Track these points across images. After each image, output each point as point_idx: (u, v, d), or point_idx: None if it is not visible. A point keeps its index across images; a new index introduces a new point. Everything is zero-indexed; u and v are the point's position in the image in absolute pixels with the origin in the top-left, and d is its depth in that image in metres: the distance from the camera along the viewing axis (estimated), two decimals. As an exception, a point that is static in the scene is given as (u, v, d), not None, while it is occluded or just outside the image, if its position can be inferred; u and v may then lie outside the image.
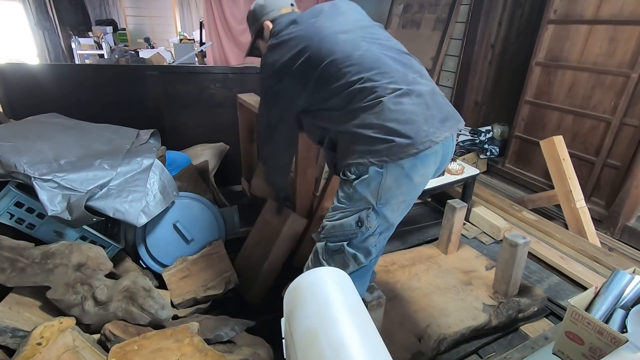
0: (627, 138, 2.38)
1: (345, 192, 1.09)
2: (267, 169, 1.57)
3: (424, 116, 1.03)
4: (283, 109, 1.23)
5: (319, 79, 1.09)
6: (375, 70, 1.04)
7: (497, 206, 2.50)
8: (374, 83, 1.03)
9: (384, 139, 1.00)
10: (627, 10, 2.32)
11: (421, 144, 1.01)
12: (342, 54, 1.06)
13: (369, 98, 1.03)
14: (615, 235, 2.40)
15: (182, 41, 6.23)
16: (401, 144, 1.00)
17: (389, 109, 1.01)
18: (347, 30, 1.11)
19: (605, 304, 1.15)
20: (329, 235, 1.12)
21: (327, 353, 0.55)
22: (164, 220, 1.66)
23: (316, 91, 1.11)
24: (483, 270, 1.81)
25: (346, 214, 1.08)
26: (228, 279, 1.59)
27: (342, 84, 1.05)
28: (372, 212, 1.06)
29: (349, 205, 1.08)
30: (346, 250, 1.09)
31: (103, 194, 1.39)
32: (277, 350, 1.28)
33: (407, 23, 3.94)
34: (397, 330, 1.46)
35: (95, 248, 1.34)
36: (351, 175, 1.06)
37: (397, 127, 1.00)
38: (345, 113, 1.06)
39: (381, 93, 1.02)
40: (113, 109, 2.25)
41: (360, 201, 1.06)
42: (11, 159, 1.29)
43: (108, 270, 1.33)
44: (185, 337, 1.12)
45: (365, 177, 1.03)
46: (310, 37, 1.09)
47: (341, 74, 1.05)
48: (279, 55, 1.12)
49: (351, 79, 1.04)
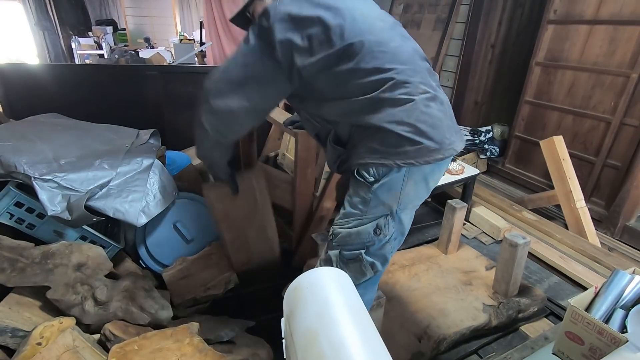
0: (627, 138, 2.38)
1: (361, 196, 1.00)
2: (208, 132, 1.10)
3: (446, 124, 1.00)
4: (271, 71, 0.96)
5: (343, 54, 0.93)
6: (409, 66, 0.97)
7: (497, 206, 2.50)
8: (407, 78, 0.95)
9: (412, 140, 0.94)
10: (627, 10, 2.32)
11: (446, 151, 0.97)
12: (377, 37, 0.96)
13: (399, 92, 0.94)
14: (615, 235, 2.40)
15: (182, 41, 6.24)
16: (429, 148, 0.95)
17: (420, 110, 0.95)
18: (383, 19, 1.03)
19: (605, 304, 1.15)
20: (344, 243, 1.04)
21: (327, 353, 0.55)
22: (164, 220, 1.66)
23: (332, 67, 0.95)
24: (483, 271, 1.81)
25: (363, 221, 1.01)
26: (228, 279, 1.59)
27: (372, 69, 0.94)
28: (390, 219, 1.01)
29: (366, 211, 1.00)
30: (364, 258, 1.03)
31: (103, 194, 1.39)
32: (277, 350, 1.28)
33: (407, 23, 3.94)
34: (397, 331, 1.46)
35: (95, 248, 1.34)
36: (369, 177, 0.98)
37: (427, 130, 0.95)
38: (368, 103, 0.96)
39: (413, 91, 0.95)
40: (113, 109, 2.25)
41: (379, 207, 0.99)
42: (11, 159, 1.29)
43: (108, 270, 1.33)
44: (185, 337, 1.12)
45: (387, 181, 0.96)
46: (344, 9, 0.95)
47: (372, 56, 0.94)
48: (298, 9, 0.93)
49: (384, 65, 0.94)
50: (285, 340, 0.71)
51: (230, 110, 1.01)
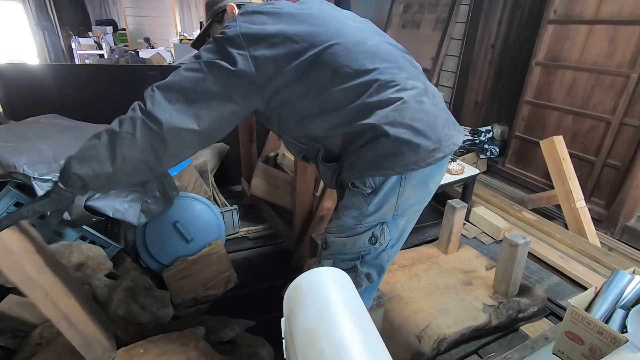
0: (627, 138, 2.38)
1: (356, 206, 0.94)
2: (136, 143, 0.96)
3: (442, 118, 0.94)
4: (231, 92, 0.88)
5: (318, 59, 0.87)
6: (392, 63, 0.91)
7: (497, 206, 2.50)
8: (393, 76, 0.89)
9: (409, 142, 0.86)
10: (627, 10, 2.32)
11: (446, 148, 0.91)
12: (352, 37, 0.90)
13: (388, 92, 0.87)
14: (615, 235, 2.40)
15: (182, 41, 6.23)
16: (427, 148, 0.88)
17: (414, 107, 0.88)
18: (354, 18, 0.97)
19: (605, 304, 1.15)
20: (338, 252, 1.00)
21: (327, 353, 0.55)
22: (163, 220, 1.66)
23: (309, 74, 0.88)
24: (483, 270, 1.81)
25: (358, 231, 0.96)
26: (228, 279, 1.59)
27: (353, 72, 0.87)
28: (386, 227, 0.96)
29: (361, 220, 0.95)
30: (359, 269, 0.99)
31: (102, 194, 1.39)
32: (277, 350, 1.28)
33: (407, 23, 3.94)
34: (397, 331, 1.45)
35: (95, 248, 1.34)
36: (366, 188, 0.92)
37: (424, 129, 0.88)
38: (355, 110, 0.89)
39: (403, 87, 0.89)
40: (113, 109, 2.23)
41: (375, 215, 0.94)
42: (11, 159, 1.29)
43: (108, 270, 1.33)
44: (191, 341, 1.11)
45: (384, 189, 0.91)
46: (309, 15, 0.91)
47: (352, 59, 0.88)
48: (259, 22, 0.88)
49: (366, 67, 0.88)
50: (285, 340, 0.71)
51: (175, 128, 0.91)
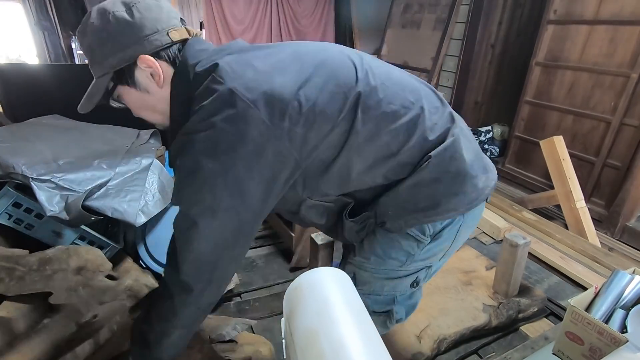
0: (627, 138, 2.38)
1: (405, 249, 0.83)
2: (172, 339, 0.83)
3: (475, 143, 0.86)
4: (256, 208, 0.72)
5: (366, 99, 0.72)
6: (422, 94, 0.79)
7: (497, 206, 2.50)
8: (430, 109, 0.78)
9: (469, 177, 0.77)
10: (627, 10, 2.32)
11: (492, 173, 0.84)
12: (380, 69, 0.77)
13: (434, 130, 0.77)
14: (615, 235, 2.40)
15: (182, 41, 6.23)
16: (482, 179, 0.79)
17: (459, 136, 0.78)
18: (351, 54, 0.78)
19: (605, 304, 1.15)
20: (373, 293, 0.90)
21: (327, 353, 0.55)
22: (163, 220, 1.66)
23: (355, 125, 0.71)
24: (483, 270, 1.81)
25: (400, 274, 0.87)
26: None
27: (391, 113, 0.73)
28: (431, 270, 0.89)
29: (409, 265, 0.85)
30: (393, 313, 0.92)
31: (101, 194, 1.39)
32: (277, 350, 1.28)
33: (407, 23, 3.94)
34: (397, 331, 1.45)
35: (93, 250, 1.33)
36: (426, 237, 0.81)
37: (474, 159, 0.79)
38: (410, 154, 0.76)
39: (445, 121, 0.79)
40: (113, 110, 2.24)
41: (425, 260, 0.86)
42: (9, 159, 1.29)
43: (108, 271, 1.32)
44: (196, 344, 1.11)
45: (443, 233, 0.81)
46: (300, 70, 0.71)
47: (388, 92, 0.74)
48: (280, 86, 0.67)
49: (404, 104, 0.74)
50: (285, 340, 0.71)
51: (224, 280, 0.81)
